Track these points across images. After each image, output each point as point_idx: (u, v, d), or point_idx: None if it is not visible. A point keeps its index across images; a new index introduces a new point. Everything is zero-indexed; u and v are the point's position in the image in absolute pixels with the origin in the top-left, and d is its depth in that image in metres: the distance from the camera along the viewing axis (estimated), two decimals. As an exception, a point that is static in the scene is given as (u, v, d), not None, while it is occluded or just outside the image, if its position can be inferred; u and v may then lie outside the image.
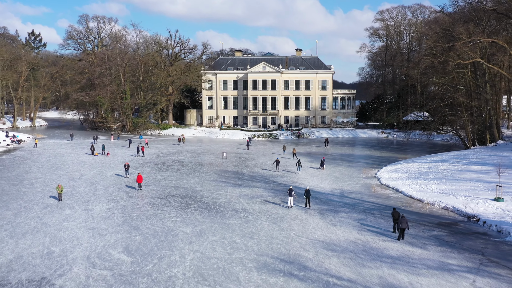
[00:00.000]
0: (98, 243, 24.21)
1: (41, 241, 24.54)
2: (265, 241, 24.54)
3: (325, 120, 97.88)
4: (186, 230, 26.43)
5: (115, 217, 29.44)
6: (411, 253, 22.73)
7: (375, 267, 20.76)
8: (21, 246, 23.67)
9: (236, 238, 25.01)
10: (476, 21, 56.78)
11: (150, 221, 28.48)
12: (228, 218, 29.05)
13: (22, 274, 20.07)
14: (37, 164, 51.81)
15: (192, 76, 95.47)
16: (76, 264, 21.22)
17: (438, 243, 24.36)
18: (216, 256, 22.21)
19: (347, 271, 20.28)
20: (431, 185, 36.91)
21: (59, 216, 29.59)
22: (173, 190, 37.60)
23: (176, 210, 31.20)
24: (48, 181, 41.32)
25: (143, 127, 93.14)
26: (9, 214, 30.10)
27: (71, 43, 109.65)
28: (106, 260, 21.66)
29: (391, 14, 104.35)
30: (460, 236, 25.75)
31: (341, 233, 25.97)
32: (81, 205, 32.54)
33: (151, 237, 25.16)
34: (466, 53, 51.91)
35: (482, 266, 21.07)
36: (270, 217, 29.44)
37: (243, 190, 37.61)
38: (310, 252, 22.73)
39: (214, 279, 19.43)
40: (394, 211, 26.36)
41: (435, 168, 43.78)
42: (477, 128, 58.04)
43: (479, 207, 29.94)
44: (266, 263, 21.23)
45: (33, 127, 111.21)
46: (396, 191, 37.34)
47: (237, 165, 51.85)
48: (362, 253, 22.61)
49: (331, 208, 31.92)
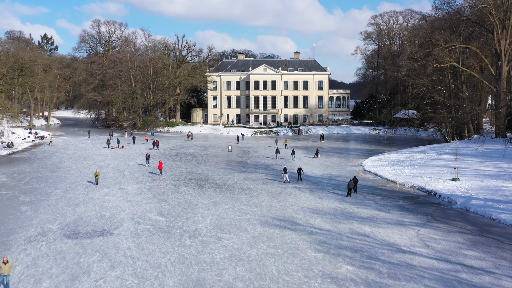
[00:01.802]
0: (137, 210, 31.39)
1: (93, 208, 31.74)
2: (266, 208, 31.70)
3: (321, 118, 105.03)
4: (203, 202, 33.62)
5: (145, 193, 36.64)
6: (377, 215, 29.90)
7: (348, 223, 27.91)
8: (79, 212, 30.87)
9: (243, 206, 32.19)
10: (453, 29, 63.80)
11: (174, 196, 35.67)
12: (236, 194, 36.22)
13: (87, 227, 27.23)
14: (66, 156, 59.02)
15: (198, 78, 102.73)
16: (124, 222, 28.39)
17: (399, 209, 31.53)
18: (229, 217, 29.38)
19: (327, 225, 27.44)
20: (405, 170, 44.08)
21: (100, 193, 36.79)
22: (189, 175, 44.77)
23: (193, 188, 38.39)
24: (81, 169, 48.51)
25: (152, 125, 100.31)
26: (59, 191, 37.32)
27: (84, 46, 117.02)
28: (146, 220, 28.84)
29: (383, 19, 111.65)
30: (418, 205, 32.94)
31: (326, 203, 33.14)
32: (115, 185, 39.74)
33: (177, 206, 32.35)
34: (443, 58, 58.96)
35: (428, 222, 28.23)
36: (270, 193, 36.62)
37: (247, 175, 44.79)
38: (300, 215, 29.90)
39: (228, 229, 26.60)
40: (350, 181, 34.81)
41: (411, 157, 50.95)
42: (454, 124, 65.08)
43: (439, 185, 37.10)
44: (266, 221, 28.39)
45: (48, 125, 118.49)
46: (375, 175, 44.50)
47: (242, 156, 59.03)
48: (339, 215, 29.77)
49: (320, 187, 39.09)
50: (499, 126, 60.15)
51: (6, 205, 32.69)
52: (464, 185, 36.33)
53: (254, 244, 24.04)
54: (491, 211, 29.44)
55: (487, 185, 35.75)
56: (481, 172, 40.43)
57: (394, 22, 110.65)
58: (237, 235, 25.62)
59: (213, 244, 24.08)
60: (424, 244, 24.10)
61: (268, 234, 25.80)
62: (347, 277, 19.66)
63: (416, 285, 18.80)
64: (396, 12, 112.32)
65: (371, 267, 20.82)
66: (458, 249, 23.25)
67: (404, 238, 24.99)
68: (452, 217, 29.69)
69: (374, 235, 25.52)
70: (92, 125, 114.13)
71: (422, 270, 20.46)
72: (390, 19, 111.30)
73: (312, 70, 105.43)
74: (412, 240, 24.75)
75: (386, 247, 23.58)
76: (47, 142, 74.83)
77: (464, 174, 39.87)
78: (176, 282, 19.17)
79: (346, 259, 21.75)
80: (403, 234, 25.72)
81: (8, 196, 35.66)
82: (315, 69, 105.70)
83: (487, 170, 41.03)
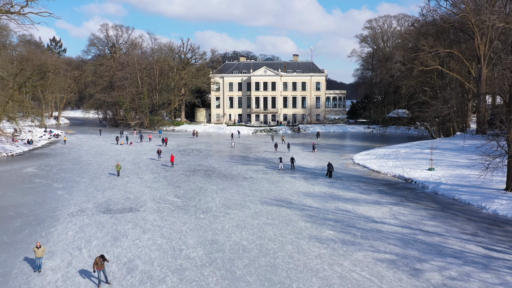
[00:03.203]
0: (156, 193, 36.98)
1: (118, 192, 37.35)
2: (266, 192, 37.28)
3: (319, 117, 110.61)
4: (212, 187, 39.21)
5: (161, 181, 42.22)
6: (359, 197, 35.47)
7: (334, 203, 33.47)
8: (107, 195, 36.47)
9: (247, 191, 37.77)
10: (439, 34, 69.29)
11: (186, 183, 41.26)
12: (240, 182, 41.80)
13: (117, 206, 32.83)
14: (83, 151, 64.61)
15: (202, 79, 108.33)
16: (147, 202, 33.98)
17: (379, 193, 37.10)
18: (234, 198, 34.96)
19: (316, 204, 33.02)
20: (389, 162, 49.65)
21: (122, 181, 42.38)
22: (197, 167, 50.35)
23: (202, 177, 43.98)
24: (100, 162, 54.10)
25: (159, 124, 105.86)
26: (86, 180, 42.94)
27: (92, 49, 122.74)
28: (165, 201, 34.44)
29: (378, 23, 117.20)
30: (396, 189, 38.52)
31: (317, 189, 38.71)
32: (134, 175, 45.34)
33: (190, 190, 37.94)
34: (428, 61, 64.47)
35: (401, 202, 33.79)
36: (269, 181, 42.19)
37: (249, 167, 50.37)
38: (294, 197, 35.48)
39: (234, 207, 32.18)
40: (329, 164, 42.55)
41: (397, 151, 56.51)
42: (439, 122, 70.56)
43: (416, 174, 42.65)
44: (266, 201, 33.97)
45: (58, 124, 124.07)
46: (363, 166, 50.06)
47: (244, 151, 64.62)
48: (327, 197, 35.35)
49: (313, 176, 44.66)
50: (479, 124, 65.58)
51: (44, 190, 38.33)
52: (437, 174, 41.89)
53: (256, 217, 29.63)
54: (454, 193, 35.02)
55: (457, 174, 41.30)
56: (455, 163, 45.96)
57: (388, 26, 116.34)
58: (241, 211, 31.22)
59: (223, 217, 29.68)
60: (394, 217, 29.68)
61: (267, 210, 31.38)
62: (329, 238, 25.23)
63: (381, 243, 24.36)
64: (390, 16, 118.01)
65: (348, 232, 26.40)
66: (420, 220, 28.82)
67: (378, 213, 30.57)
68: (422, 198, 35.26)
69: (354, 211, 31.11)
70: (100, 124, 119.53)
71: (388, 233, 26.03)
72: (385, 23, 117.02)
73: (310, 72, 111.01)
74: (384, 214, 30.33)
75: (363, 219, 29.15)
76: (61, 140, 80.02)
77: (440, 165, 45.43)
78: (196, 241, 24.77)
79: (329, 227, 27.32)
80: (378, 210, 31.31)
81: (43, 184, 41.31)
82: (312, 71, 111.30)
83: (460, 161, 46.55)
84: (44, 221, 29.01)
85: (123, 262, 21.69)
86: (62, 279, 19.88)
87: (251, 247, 23.83)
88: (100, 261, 19.14)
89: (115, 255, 22.68)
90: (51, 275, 20.39)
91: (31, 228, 27.43)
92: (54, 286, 19.16)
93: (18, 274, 20.52)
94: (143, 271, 20.64)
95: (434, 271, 20.47)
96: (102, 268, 19.31)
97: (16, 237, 25.75)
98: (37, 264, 21.01)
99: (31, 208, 32.23)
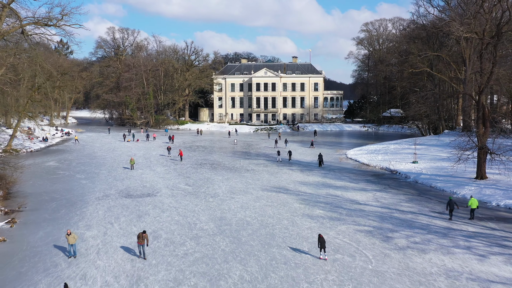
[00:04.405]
0: (169, 182, 41.81)
1: (136, 182, 42.18)
2: (266, 181, 42.08)
3: (317, 116, 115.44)
4: (218, 178, 44.03)
5: (172, 173, 47.05)
6: (348, 185, 40.28)
7: (325, 189, 38.27)
8: (126, 184, 41.30)
9: (249, 180, 42.58)
10: (428, 38, 74.11)
11: (195, 174, 46.09)
12: (243, 173, 46.61)
13: (136, 192, 37.66)
14: (96, 148, 69.45)
15: (205, 80, 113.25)
16: (162, 189, 38.80)
17: (366, 182, 41.90)
18: (238, 186, 39.78)
19: (310, 190, 37.83)
20: (378, 157, 54.45)
21: (136, 173, 47.21)
22: (204, 161, 55.17)
23: (209, 170, 48.80)
24: (114, 157, 58.92)
25: (164, 123, 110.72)
26: (104, 172, 47.77)
27: (100, 51, 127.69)
28: (177, 188, 39.26)
29: (374, 26, 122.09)
30: (381, 179, 43.32)
31: (311, 178, 43.52)
32: (147, 168, 50.17)
33: (199, 180, 42.77)
34: (417, 64, 69.27)
35: (384, 189, 38.58)
36: (269, 172, 47.00)
37: (251, 161, 55.18)
38: (291, 185, 40.30)
39: (239, 193, 37.00)
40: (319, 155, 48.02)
41: (387, 147, 61.31)
42: (428, 121, 75.37)
43: (401, 166, 47.43)
44: (266, 188, 38.79)
45: (66, 123, 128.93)
46: (355, 160, 54.85)
47: (245, 148, 69.45)
48: (320, 185, 40.16)
49: (308, 169, 49.47)
50: (465, 122, 70.34)
51: (69, 180, 43.21)
52: (420, 166, 46.69)
53: (257, 200, 34.46)
54: (432, 182, 39.83)
55: (437, 166, 46.10)
56: (437, 157, 50.74)
57: (384, 29, 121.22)
58: (245, 196, 36.05)
59: (229, 200, 34.52)
60: (376, 200, 34.49)
61: (267, 195, 36.20)
62: (319, 215, 30.04)
63: (362, 219, 29.15)
64: (386, 20, 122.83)
65: (335, 211, 31.21)
66: (398, 202, 33.64)
67: (363, 197, 35.38)
68: (403, 186, 40.08)
69: (342, 196, 35.93)
70: (107, 123, 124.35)
71: (369, 212, 30.85)
72: (380, 26, 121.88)
73: (308, 73, 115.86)
74: (368, 198, 35.14)
75: (349, 201, 33.97)
76: (72, 139, 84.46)
77: (424, 159, 50.25)
78: (207, 218, 29.60)
79: (320, 207, 32.14)
80: (363, 195, 36.12)
81: (67, 175, 46.19)
82: (311, 72, 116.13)
83: (442, 155, 51.27)
84: (75, 203, 33.87)
85: (148, 232, 26.42)
86: (101, 244, 24.71)
87: (253, 222, 28.65)
88: (141, 236, 22.04)
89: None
90: (92, 241, 25.22)
91: (66, 209, 32.29)
92: (97, 249, 23.97)
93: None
94: (166, 238, 25.46)
95: (402, 238, 25.26)
96: (142, 243, 21.89)
97: (55, 215, 30.63)
98: (70, 250, 22.55)
99: (61, 194, 37.11)
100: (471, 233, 26.10)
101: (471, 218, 28.90)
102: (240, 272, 20.67)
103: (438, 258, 22.17)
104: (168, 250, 23.52)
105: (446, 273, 20.37)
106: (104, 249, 23.78)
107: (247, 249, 23.68)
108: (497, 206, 32.17)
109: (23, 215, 30.85)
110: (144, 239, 22.16)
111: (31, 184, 41.10)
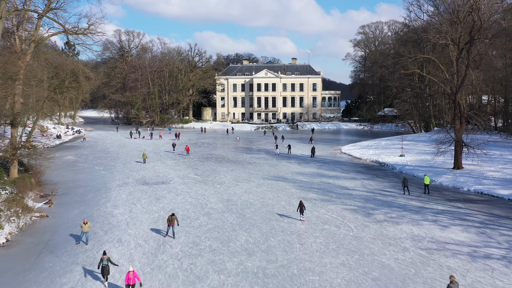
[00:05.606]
0: (179, 173, 46.65)
1: (150, 172, 47.04)
2: (266, 172, 46.92)
3: (315, 115, 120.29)
4: (223, 169, 48.88)
5: (181, 165, 51.90)
6: (340, 175, 45.13)
7: (319, 178, 43.11)
8: (141, 174, 46.14)
9: (251, 171, 47.44)
10: (419, 41, 78.94)
11: (202, 166, 50.94)
12: (246, 166, 51.45)
13: (151, 180, 42.50)
14: (108, 144, 74.31)
15: (208, 81, 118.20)
16: (174, 178, 43.64)
17: (356, 172, 46.73)
18: (242, 176, 44.62)
19: (305, 179, 42.66)
20: (370, 151, 59.27)
21: (149, 165, 52.05)
22: (209, 156, 60.01)
23: (214, 163, 53.66)
24: (126, 152, 63.77)
25: (169, 122, 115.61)
26: (119, 164, 52.63)
27: (106, 53, 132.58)
28: (188, 177, 44.10)
29: (370, 29, 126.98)
30: (370, 170, 48.14)
31: (307, 170, 48.36)
32: (157, 161, 55.01)
33: (206, 171, 47.63)
34: (408, 66, 74.06)
35: (371, 178, 43.41)
36: (269, 164, 51.85)
37: (252, 155, 60.03)
38: (289, 175, 45.15)
39: (242, 181, 41.84)
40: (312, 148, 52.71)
41: (378, 143, 66.14)
42: (419, 119, 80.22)
43: (389, 159, 52.26)
44: (267, 177, 43.62)
45: (74, 122, 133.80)
46: (348, 155, 59.66)
47: (247, 144, 74.30)
48: (315, 175, 44.99)
49: (305, 162, 54.30)
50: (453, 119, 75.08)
51: (90, 171, 48.07)
52: (406, 159, 51.51)
53: (259, 186, 39.30)
54: (414, 171, 44.65)
55: (421, 158, 50.92)
56: (423, 151, 55.54)
57: (380, 32, 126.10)
58: (248, 183, 40.90)
59: (234, 187, 39.37)
60: (363, 186, 39.32)
61: (267, 183, 41.06)
62: (312, 198, 34.87)
63: (349, 200, 33.97)
64: (382, 23, 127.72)
65: (327, 194, 36.04)
66: (382, 188, 38.48)
67: (352, 184, 40.22)
68: (389, 175, 44.92)
69: (334, 183, 40.77)
70: (113, 122, 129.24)
71: (356, 196, 35.68)
72: (377, 28, 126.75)
73: (307, 74, 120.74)
74: (356, 185, 39.97)
75: (339, 188, 38.81)
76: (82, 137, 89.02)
77: (410, 152, 55.08)
78: (216, 200, 34.44)
79: (313, 192, 36.97)
80: (352, 183, 40.96)
81: (86, 167, 51.06)
82: (309, 73, 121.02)
83: (427, 150, 55.90)
84: (100, 189, 38.73)
85: (166, 210, 31.25)
86: (129, 218, 29.56)
87: (255, 203, 33.48)
88: (170, 218, 25.58)
89: (160, 207, 32.31)
90: (120, 216, 30.05)
91: (93, 193, 37.15)
92: (126, 222, 28.80)
93: (99, 216, 30.19)
94: (182, 215, 30.27)
95: (381, 214, 30.09)
96: (172, 224, 24.76)
97: (84, 198, 35.50)
98: (82, 237, 24.41)
99: (86, 182, 41.99)
100: (440, 210, 30.94)
101: (425, 192, 35.87)
102: (245, 237, 25.50)
103: (408, 228, 27.00)
104: (185, 223, 28.34)
105: (412, 237, 25.19)
106: (132, 222, 28.62)
107: (251, 222, 28.51)
108: (467, 191, 37.00)
109: (56, 198, 35.67)
110: (174, 220, 25.02)
111: (56, 174, 45.92)
